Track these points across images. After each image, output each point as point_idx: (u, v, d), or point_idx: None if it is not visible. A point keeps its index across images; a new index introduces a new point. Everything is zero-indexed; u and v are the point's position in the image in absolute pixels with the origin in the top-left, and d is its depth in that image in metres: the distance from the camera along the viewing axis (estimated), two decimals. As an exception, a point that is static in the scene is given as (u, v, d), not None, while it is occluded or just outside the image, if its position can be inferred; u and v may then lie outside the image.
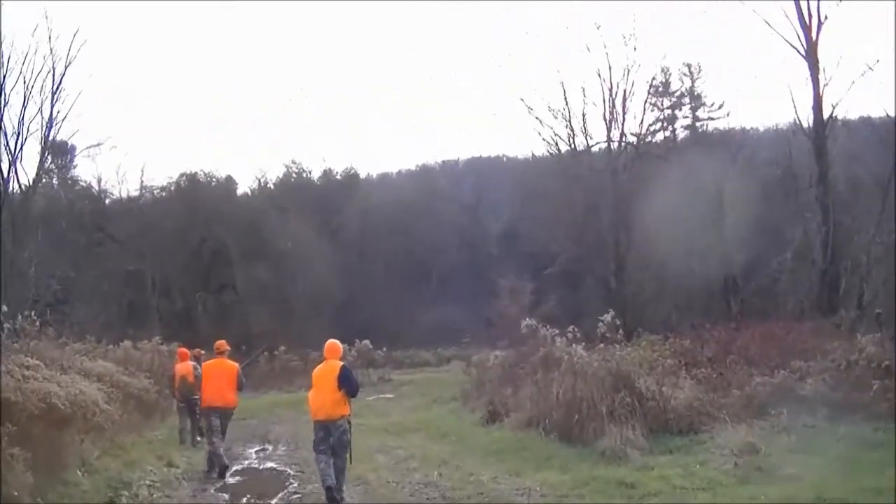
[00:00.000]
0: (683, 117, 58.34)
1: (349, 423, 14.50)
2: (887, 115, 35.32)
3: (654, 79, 49.33)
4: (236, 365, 18.90)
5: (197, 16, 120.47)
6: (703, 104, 58.08)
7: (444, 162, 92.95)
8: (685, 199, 43.89)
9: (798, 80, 35.32)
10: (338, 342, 15.19)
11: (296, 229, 59.92)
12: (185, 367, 22.99)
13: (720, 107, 57.23)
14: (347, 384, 14.27)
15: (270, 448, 22.34)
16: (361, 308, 61.99)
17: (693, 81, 57.05)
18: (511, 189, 72.84)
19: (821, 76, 34.72)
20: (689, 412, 19.82)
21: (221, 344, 19.02)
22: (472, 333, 52.64)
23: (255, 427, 26.76)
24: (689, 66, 56.06)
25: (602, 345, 21.33)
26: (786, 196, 38.94)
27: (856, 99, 49.69)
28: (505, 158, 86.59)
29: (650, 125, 51.24)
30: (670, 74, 53.99)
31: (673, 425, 19.55)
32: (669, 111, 57.06)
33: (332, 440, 14.16)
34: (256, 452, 21.65)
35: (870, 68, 33.97)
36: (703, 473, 15.56)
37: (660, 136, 54.96)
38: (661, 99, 54.80)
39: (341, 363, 14.64)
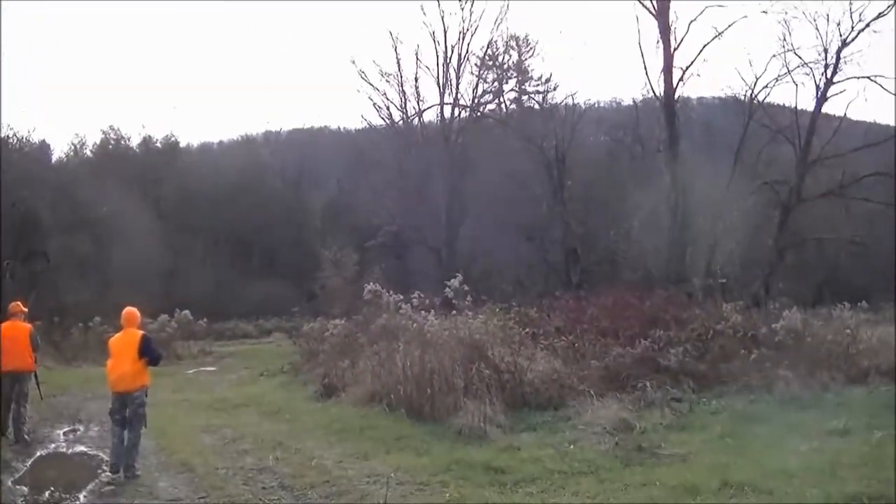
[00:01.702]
0: (510, 90, 56.07)
1: (146, 393, 13.62)
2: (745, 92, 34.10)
3: (484, 50, 46.92)
4: (29, 326, 17.46)
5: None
6: (531, 77, 55.99)
7: (266, 132, 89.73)
8: (520, 168, 42.08)
9: (650, 45, 33.84)
10: (135, 309, 13.94)
11: (114, 198, 55.81)
12: None
13: (546, 80, 55.21)
14: (150, 353, 13.47)
15: (82, 429, 19.02)
16: (183, 280, 58.44)
17: (520, 55, 54.84)
18: (336, 161, 70.29)
19: (672, 39, 33.30)
20: (547, 385, 17.64)
21: (15, 306, 17.48)
22: (297, 305, 50.24)
23: (65, 404, 23.12)
24: (516, 38, 53.74)
25: (454, 312, 18.85)
26: (631, 162, 37.35)
27: (706, 70, 47.66)
28: (327, 130, 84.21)
29: (481, 94, 48.86)
30: (497, 48, 51.50)
31: (531, 400, 17.43)
32: (496, 84, 54.69)
33: (127, 412, 13.29)
34: (65, 434, 18.41)
35: (719, 34, 32.91)
36: (578, 455, 13.37)
37: (490, 108, 52.45)
38: (487, 72, 52.36)
39: (141, 332, 13.68)
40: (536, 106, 52.99)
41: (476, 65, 47.93)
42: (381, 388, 18.44)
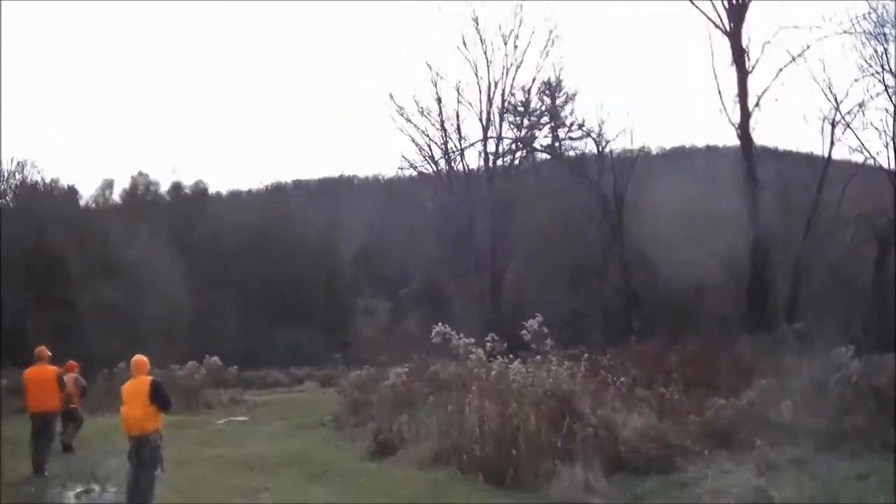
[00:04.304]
0: (544, 137, 52.89)
1: (161, 436, 13.21)
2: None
3: (516, 96, 43.94)
4: (55, 369, 18.09)
5: (45, 11, 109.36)
6: (564, 124, 52.78)
7: (296, 181, 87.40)
8: (572, 209, 38.97)
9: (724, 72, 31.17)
10: (144, 357, 13.65)
11: (143, 244, 53.85)
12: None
13: (580, 126, 51.95)
14: (160, 398, 13.15)
15: (97, 489, 15.94)
16: (211, 328, 56.56)
17: (554, 100, 51.72)
18: (369, 208, 67.99)
19: (746, 62, 30.53)
20: (647, 445, 14.32)
21: (41, 350, 18.04)
22: (328, 354, 47.59)
23: (82, 460, 20.04)
24: (548, 84, 50.68)
25: (538, 358, 15.61)
26: (702, 202, 34.30)
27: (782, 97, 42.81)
28: (356, 179, 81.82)
29: (515, 140, 45.65)
30: (529, 92, 48.33)
31: (627, 461, 14.16)
32: (528, 132, 51.55)
33: (143, 455, 12.86)
34: (77, 496, 15.33)
35: (793, 59, 30.15)
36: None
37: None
38: (522, 118, 49.24)
39: (150, 378, 13.37)
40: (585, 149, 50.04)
41: (508, 111, 44.89)
42: (449, 447, 15.46)
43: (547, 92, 50.01)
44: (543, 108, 50.62)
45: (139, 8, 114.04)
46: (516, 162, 44.77)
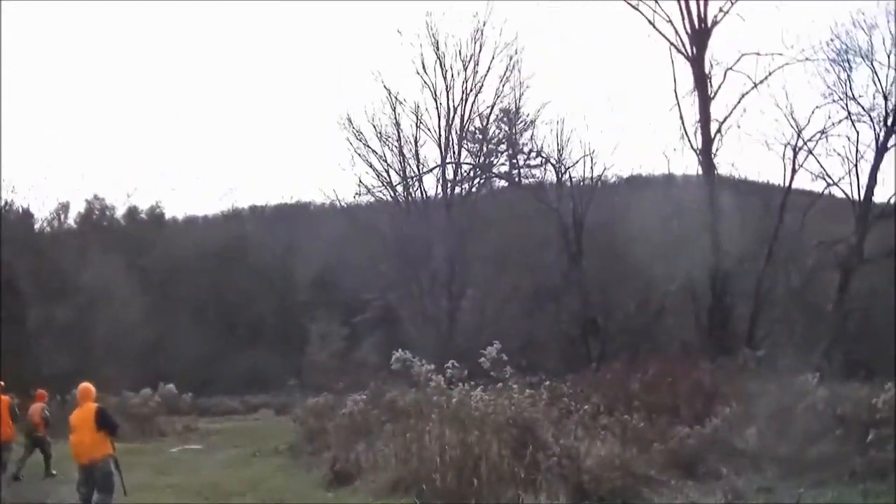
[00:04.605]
0: (501, 164, 52.71)
1: (115, 461, 13.21)
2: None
3: (475, 123, 43.85)
4: (7, 399, 18.69)
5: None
6: (522, 151, 52.58)
7: (252, 207, 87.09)
8: (530, 234, 38.73)
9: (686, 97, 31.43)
10: (90, 385, 13.78)
11: (97, 267, 53.17)
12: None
13: (538, 153, 51.76)
14: (107, 423, 13.27)
15: (47, 518, 15.57)
16: (166, 353, 56.92)
17: (512, 128, 51.51)
18: (326, 234, 67.45)
19: (709, 88, 30.70)
20: (610, 473, 14.00)
21: None
22: (284, 380, 47.12)
23: (33, 488, 19.61)
24: (507, 112, 50.55)
25: (499, 385, 15.28)
26: (662, 226, 34.11)
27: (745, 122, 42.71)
28: (312, 206, 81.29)
29: (474, 166, 45.28)
30: (488, 119, 48.24)
31: (591, 491, 13.77)
32: (485, 159, 51.35)
33: (96, 482, 12.92)
34: (25, 527, 14.99)
35: (755, 85, 30.44)
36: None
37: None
38: (478, 145, 49.03)
39: (96, 405, 13.47)
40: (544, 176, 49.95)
41: (466, 138, 44.62)
42: (408, 476, 15.11)
43: (505, 119, 49.90)
44: (501, 136, 50.49)
45: (94, 28, 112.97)
46: (474, 189, 44.59)
